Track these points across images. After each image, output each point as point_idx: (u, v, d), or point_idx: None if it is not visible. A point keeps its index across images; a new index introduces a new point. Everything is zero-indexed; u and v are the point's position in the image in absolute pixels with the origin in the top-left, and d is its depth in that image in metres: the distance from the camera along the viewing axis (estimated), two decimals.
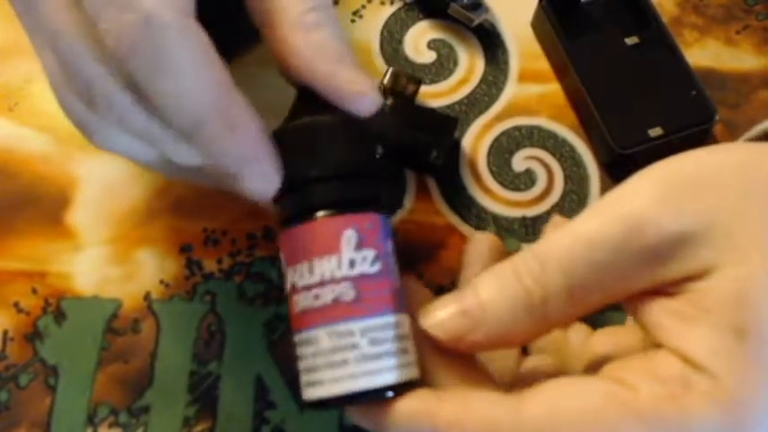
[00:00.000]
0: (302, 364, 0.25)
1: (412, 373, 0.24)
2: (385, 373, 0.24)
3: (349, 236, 0.24)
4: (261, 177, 0.24)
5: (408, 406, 0.23)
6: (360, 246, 0.24)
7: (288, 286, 0.25)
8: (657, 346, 0.23)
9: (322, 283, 0.24)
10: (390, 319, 0.24)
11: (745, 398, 0.21)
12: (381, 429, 0.24)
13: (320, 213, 0.24)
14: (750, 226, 0.21)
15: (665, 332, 0.22)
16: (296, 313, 0.25)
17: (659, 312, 0.22)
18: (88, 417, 0.31)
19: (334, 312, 0.24)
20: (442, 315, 0.24)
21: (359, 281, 0.24)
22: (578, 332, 0.30)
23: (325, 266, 0.24)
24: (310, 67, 0.25)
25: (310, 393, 0.24)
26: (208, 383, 0.32)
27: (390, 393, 0.24)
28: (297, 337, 0.25)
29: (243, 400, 0.32)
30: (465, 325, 0.23)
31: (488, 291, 0.23)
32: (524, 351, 0.30)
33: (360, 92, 0.25)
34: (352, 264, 0.24)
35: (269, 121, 0.25)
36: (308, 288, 0.24)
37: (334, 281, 0.24)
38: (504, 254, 0.30)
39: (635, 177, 0.23)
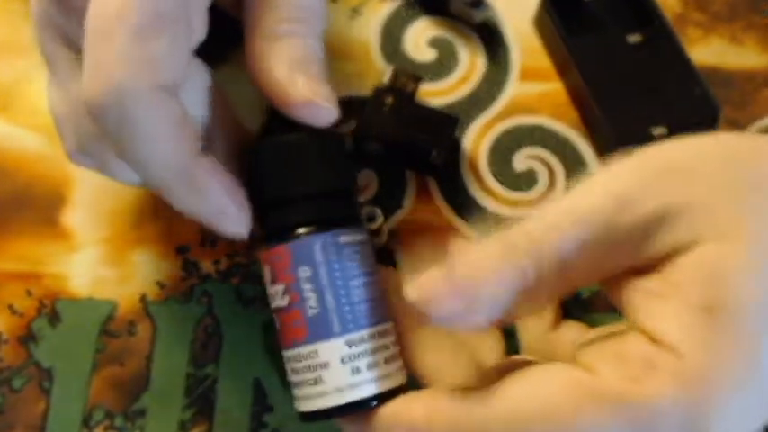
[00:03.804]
0: None
1: (339, 398, 0.25)
2: (308, 401, 0.26)
3: (267, 271, 0.26)
4: (232, 225, 0.25)
5: (377, 417, 0.24)
6: (274, 280, 0.26)
7: None
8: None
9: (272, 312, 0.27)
10: (303, 350, 0.25)
11: (710, 375, 0.20)
12: None
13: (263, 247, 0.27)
14: (732, 207, 0.22)
15: (637, 311, 0.23)
16: None
17: (633, 291, 0.23)
18: (83, 420, 0.31)
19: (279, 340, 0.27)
20: (432, 293, 0.23)
21: (277, 314, 0.26)
22: (571, 329, 0.29)
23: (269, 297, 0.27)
24: (267, 72, 0.26)
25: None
26: (205, 386, 0.31)
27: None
28: None
29: (240, 404, 0.31)
30: (460, 307, 0.23)
31: (483, 272, 0.23)
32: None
33: (307, 99, 0.26)
34: (272, 298, 0.26)
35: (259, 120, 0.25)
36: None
37: (272, 311, 0.27)
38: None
39: (623, 159, 0.23)
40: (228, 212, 0.25)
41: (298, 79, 0.26)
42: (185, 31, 0.24)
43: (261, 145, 0.27)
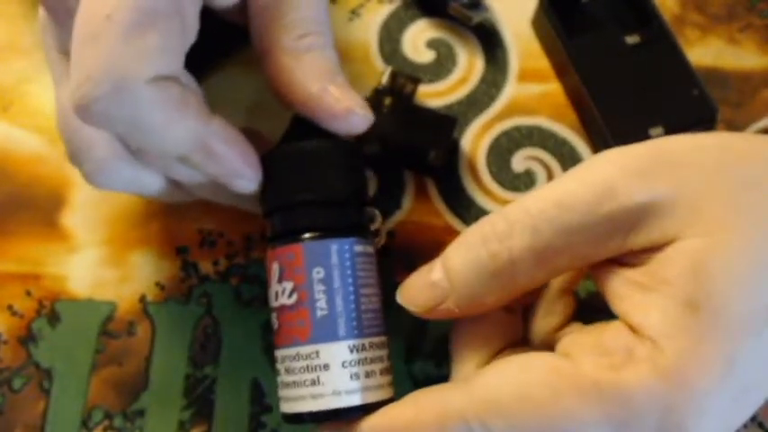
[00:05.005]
0: None
1: (335, 402, 0.25)
2: (299, 402, 0.25)
3: (275, 268, 0.26)
4: (246, 183, 0.27)
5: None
6: (281, 278, 0.26)
7: None
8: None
9: (271, 310, 0.27)
10: (304, 349, 0.25)
11: (688, 369, 0.21)
12: None
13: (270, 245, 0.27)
14: (717, 201, 0.22)
15: (621, 301, 0.23)
16: None
17: (619, 283, 0.23)
18: (82, 421, 0.31)
19: (275, 339, 0.27)
20: (413, 290, 0.26)
21: (279, 311, 0.26)
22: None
23: (270, 296, 0.27)
24: (300, 87, 0.26)
25: None
26: (204, 387, 0.31)
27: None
28: None
29: (239, 404, 0.31)
30: (435, 297, 0.25)
31: (455, 259, 0.24)
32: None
33: (349, 108, 0.26)
34: (276, 296, 0.26)
35: (258, 121, 0.26)
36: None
37: (271, 310, 0.27)
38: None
39: (608, 150, 0.24)
40: (244, 174, 0.26)
41: (333, 91, 0.26)
42: (179, 26, 0.24)
43: (286, 148, 0.27)
